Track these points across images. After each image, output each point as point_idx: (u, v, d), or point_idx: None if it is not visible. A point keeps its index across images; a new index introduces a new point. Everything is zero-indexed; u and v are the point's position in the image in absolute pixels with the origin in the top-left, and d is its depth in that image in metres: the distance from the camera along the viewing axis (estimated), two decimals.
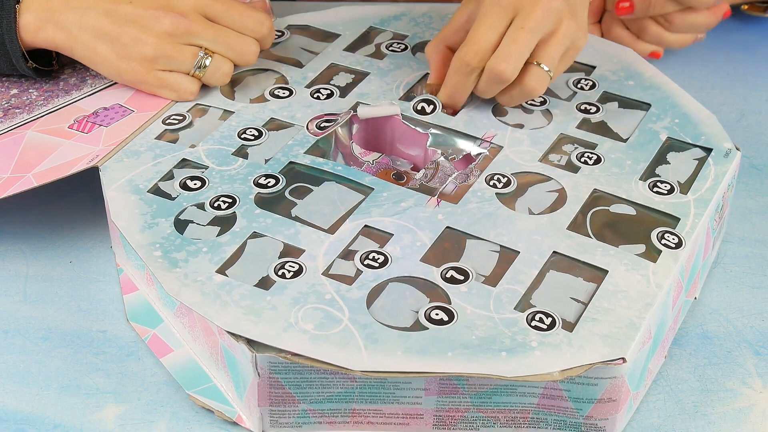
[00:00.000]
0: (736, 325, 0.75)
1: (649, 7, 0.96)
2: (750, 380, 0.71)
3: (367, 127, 0.83)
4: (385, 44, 0.91)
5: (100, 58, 0.81)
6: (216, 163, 0.77)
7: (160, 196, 0.74)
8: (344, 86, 0.85)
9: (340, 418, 0.66)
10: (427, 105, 0.83)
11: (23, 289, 0.76)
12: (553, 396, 0.64)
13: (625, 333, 0.65)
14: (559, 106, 0.84)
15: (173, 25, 0.80)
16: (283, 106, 0.83)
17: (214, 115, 0.82)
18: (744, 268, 0.80)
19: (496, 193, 0.75)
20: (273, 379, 0.64)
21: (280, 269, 0.68)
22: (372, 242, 0.71)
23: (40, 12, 0.80)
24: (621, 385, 0.64)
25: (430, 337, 0.64)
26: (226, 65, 0.83)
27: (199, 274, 0.68)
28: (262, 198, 0.74)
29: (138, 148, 0.78)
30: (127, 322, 0.74)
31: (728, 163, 0.78)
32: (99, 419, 0.67)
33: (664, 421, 0.68)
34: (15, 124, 0.81)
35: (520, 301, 0.67)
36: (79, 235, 0.81)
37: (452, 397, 0.65)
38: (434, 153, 0.80)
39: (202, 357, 0.69)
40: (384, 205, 0.73)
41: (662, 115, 0.83)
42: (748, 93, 0.99)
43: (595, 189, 0.75)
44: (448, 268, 0.69)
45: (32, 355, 0.72)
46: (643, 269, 0.69)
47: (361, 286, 0.67)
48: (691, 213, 0.74)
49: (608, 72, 0.88)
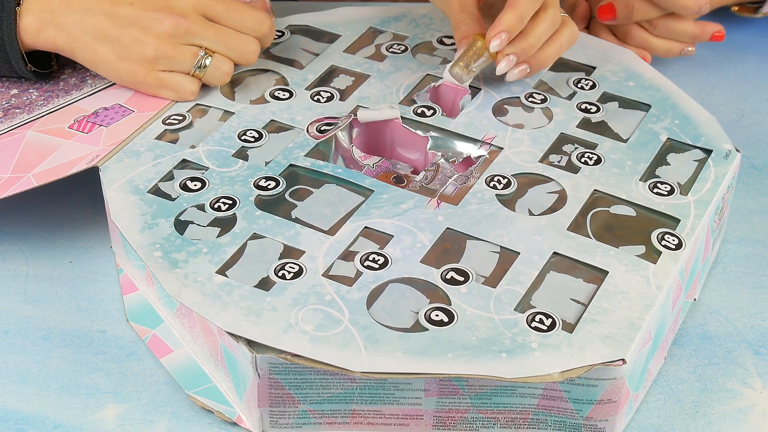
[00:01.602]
0: (736, 325, 0.75)
1: (632, 13, 0.96)
2: (750, 380, 0.71)
3: (367, 131, 0.83)
4: (385, 45, 0.90)
5: (100, 59, 0.81)
6: (216, 165, 0.77)
7: (160, 197, 0.74)
8: (344, 89, 0.85)
9: (340, 419, 0.66)
10: (427, 109, 0.83)
11: (23, 289, 0.76)
12: (553, 397, 0.64)
13: (625, 334, 0.65)
14: (560, 104, 0.84)
15: (174, 26, 0.80)
16: (284, 108, 0.83)
17: (215, 116, 0.82)
18: (744, 268, 0.80)
19: (496, 195, 0.75)
20: (273, 380, 0.64)
21: (281, 270, 0.68)
22: (372, 243, 0.71)
23: (41, 14, 0.80)
24: (621, 386, 0.64)
25: (430, 338, 0.64)
26: (227, 65, 0.83)
27: (199, 274, 0.68)
28: (262, 200, 0.74)
29: (138, 149, 0.78)
30: (127, 322, 0.74)
31: (728, 165, 0.78)
32: (99, 419, 0.67)
33: (664, 421, 0.68)
34: (15, 124, 0.81)
35: (520, 302, 0.67)
36: (79, 235, 0.81)
37: (452, 398, 0.65)
38: (434, 156, 0.80)
39: (202, 357, 0.69)
40: (384, 206, 0.73)
41: (662, 116, 0.83)
42: (748, 93, 0.99)
43: (596, 190, 0.75)
44: (448, 269, 0.69)
45: (32, 355, 0.72)
46: (643, 270, 0.69)
47: (361, 287, 0.67)
48: (691, 214, 0.74)
49: (608, 72, 0.88)
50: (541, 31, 0.81)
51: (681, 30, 0.97)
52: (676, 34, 0.97)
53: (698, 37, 0.97)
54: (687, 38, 0.98)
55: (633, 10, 0.96)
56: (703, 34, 0.97)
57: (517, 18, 0.79)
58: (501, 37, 0.80)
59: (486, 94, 0.84)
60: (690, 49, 0.98)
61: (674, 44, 0.98)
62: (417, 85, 0.86)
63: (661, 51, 0.98)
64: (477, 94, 0.84)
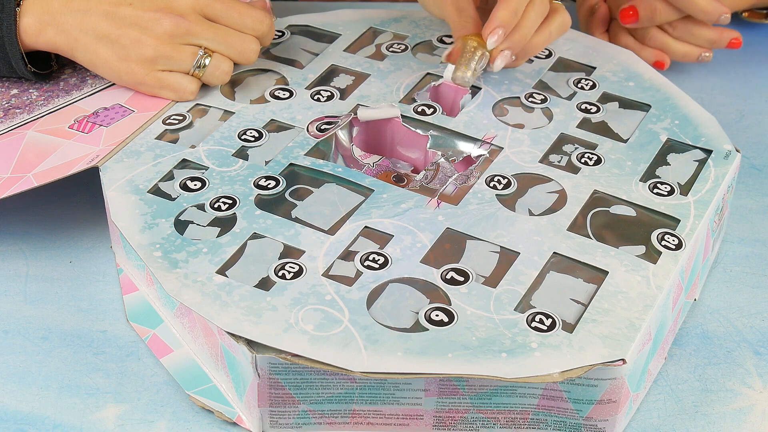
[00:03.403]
0: (736, 325, 0.75)
1: (654, 15, 0.96)
2: (750, 380, 0.71)
3: (367, 130, 0.83)
4: (385, 45, 0.90)
5: (100, 60, 0.81)
6: (216, 164, 0.77)
7: (160, 197, 0.74)
8: (344, 88, 0.85)
9: (340, 419, 0.66)
10: (428, 108, 0.83)
11: (23, 289, 0.76)
12: (553, 397, 0.64)
13: (625, 334, 0.65)
14: (560, 104, 0.84)
15: (173, 26, 0.80)
16: (284, 108, 0.83)
17: (215, 116, 0.82)
18: (744, 268, 0.80)
19: (497, 195, 0.75)
20: (273, 380, 0.64)
21: (281, 270, 0.68)
22: (372, 243, 0.71)
23: (41, 15, 0.80)
24: (621, 387, 0.64)
25: (430, 338, 0.64)
26: (226, 64, 0.83)
27: (199, 274, 0.68)
28: (262, 199, 0.74)
29: (138, 148, 0.78)
30: (127, 322, 0.74)
31: (728, 165, 0.78)
32: (99, 419, 0.67)
33: (664, 421, 0.68)
34: (15, 124, 0.81)
35: (520, 302, 0.67)
36: (79, 235, 0.81)
37: (452, 398, 0.65)
38: (434, 155, 0.80)
39: (202, 357, 0.69)
40: (384, 206, 0.73)
41: (662, 116, 0.83)
42: (748, 94, 0.99)
43: (596, 190, 0.75)
44: (448, 269, 0.69)
45: (32, 355, 0.72)
46: (643, 270, 0.69)
47: (361, 287, 0.67)
48: (691, 215, 0.74)
49: (608, 73, 0.88)
50: (531, 21, 0.82)
51: (699, 34, 0.97)
52: (695, 38, 0.98)
53: (716, 42, 0.98)
54: (705, 43, 0.98)
55: (656, 12, 0.96)
56: (721, 39, 0.98)
57: (511, 13, 0.80)
58: (498, 33, 0.80)
59: (486, 94, 0.84)
60: (707, 55, 0.99)
61: (692, 48, 0.98)
62: (417, 84, 0.86)
63: (678, 54, 0.98)
64: (477, 93, 0.84)
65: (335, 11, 0.95)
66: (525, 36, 0.82)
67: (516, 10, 0.80)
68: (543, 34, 0.83)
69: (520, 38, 0.81)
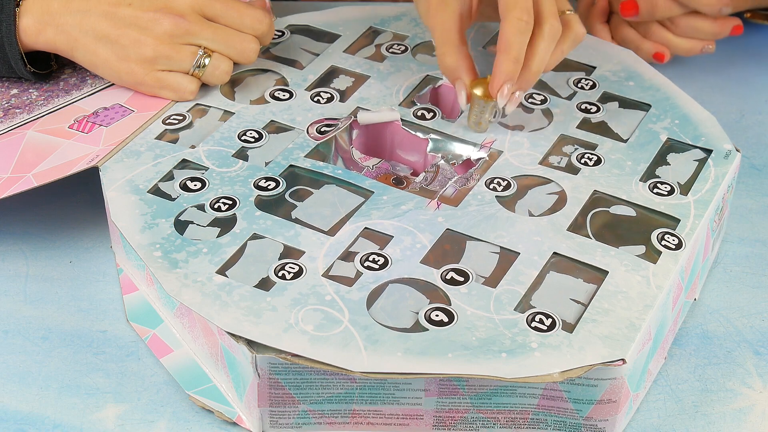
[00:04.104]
0: (736, 325, 0.75)
1: (654, 9, 0.96)
2: (750, 380, 0.71)
3: (367, 133, 0.83)
4: (385, 45, 0.90)
5: (100, 60, 0.81)
6: (216, 165, 0.77)
7: (160, 197, 0.74)
8: (344, 90, 0.85)
9: (340, 419, 0.66)
10: (427, 112, 0.83)
11: (23, 289, 0.76)
12: (553, 397, 0.64)
13: (625, 334, 0.65)
14: (560, 105, 0.84)
15: (172, 26, 0.80)
16: (284, 109, 0.83)
17: (215, 116, 0.82)
18: (744, 268, 0.80)
19: (496, 196, 0.75)
20: (273, 380, 0.64)
21: (281, 270, 0.68)
22: (372, 244, 0.71)
23: (40, 15, 0.80)
24: (621, 386, 0.64)
25: (430, 338, 0.64)
26: (226, 63, 0.83)
27: (199, 274, 0.68)
28: (262, 200, 0.74)
29: (138, 148, 0.78)
30: (127, 322, 0.74)
31: (728, 165, 0.78)
32: (99, 419, 0.67)
33: (664, 421, 0.68)
34: (15, 124, 0.81)
35: (520, 302, 0.67)
36: (79, 235, 0.81)
37: (452, 398, 0.65)
38: (434, 158, 0.80)
39: (202, 357, 0.69)
40: (384, 207, 0.73)
41: (662, 116, 0.83)
42: (748, 94, 0.99)
43: (596, 190, 0.75)
44: (448, 270, 0.69)
45: (32, 355, 0.72)
46: (643, 270, 0.69)
47: (361, 287, 0.67)
48: (691, 214, 0.74)
49: (608, 72, 0.88)
50: (541, 56, 0.78)
51: (702, 28, 0.97)
52: (698, 32, 0.98)
53: (719, 33, 0.98)
54: (708, 36, 0.98)
55: (656, 7, 0.96)
56: (724, 30, 0.97)
57: (513, 62, 0.76)
58: (505, 90, 0.77)
59: None
60: (710, 47, 0.98)
61: (695, 42, 0.98)
62: (417, 86, 0.86)
63: (681, 49, 0.98)
64: None
65: (335, 9, 0.95)
66: (536, 73, 0.78)
67: (518, 58, 0.76)
68: (555, 55, 0.80)
69: (531, 76, 0.78)
